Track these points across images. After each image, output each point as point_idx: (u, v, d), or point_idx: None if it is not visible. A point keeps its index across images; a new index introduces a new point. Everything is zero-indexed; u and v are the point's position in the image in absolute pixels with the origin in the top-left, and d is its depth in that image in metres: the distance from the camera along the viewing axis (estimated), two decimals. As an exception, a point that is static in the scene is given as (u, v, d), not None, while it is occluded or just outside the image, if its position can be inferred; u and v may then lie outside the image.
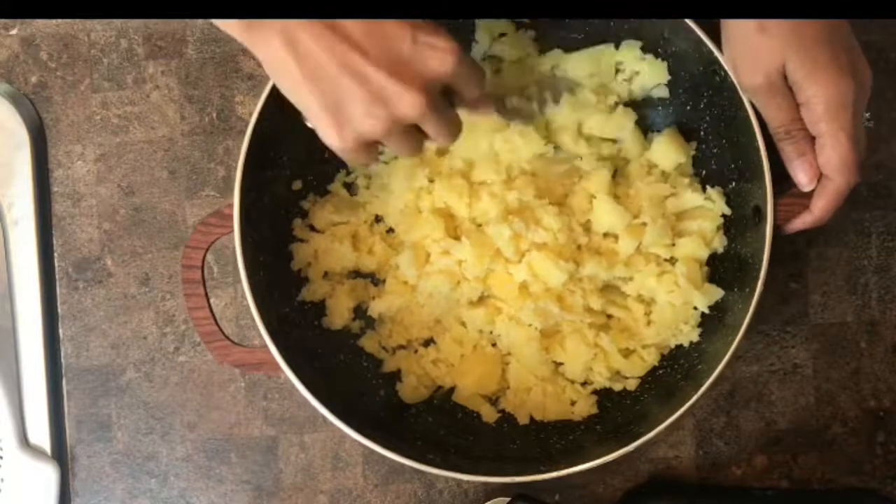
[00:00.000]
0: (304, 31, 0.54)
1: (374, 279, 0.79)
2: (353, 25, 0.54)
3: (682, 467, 0.80)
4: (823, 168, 0.65)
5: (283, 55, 0.54)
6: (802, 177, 0.66)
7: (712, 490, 0.80)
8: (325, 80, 0.55)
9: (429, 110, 0.56)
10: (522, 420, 0.76)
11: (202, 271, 0.70)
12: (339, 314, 0.77)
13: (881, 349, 0.80)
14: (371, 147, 0.59)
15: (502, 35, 0.77)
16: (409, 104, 0.55)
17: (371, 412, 0.74)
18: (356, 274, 0.78)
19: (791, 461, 0.80)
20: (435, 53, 0.56)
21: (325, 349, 0.75)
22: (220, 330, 0.70)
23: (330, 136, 0.57)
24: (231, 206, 0.68)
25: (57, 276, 0.82)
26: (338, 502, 0.81)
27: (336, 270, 0.77)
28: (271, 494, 0.81)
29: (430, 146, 0.73)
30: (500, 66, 0.77)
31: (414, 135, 0.59)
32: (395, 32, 0.55)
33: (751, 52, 0.64)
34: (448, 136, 0.60)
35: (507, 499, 0.75)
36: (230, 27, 0.55)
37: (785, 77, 0.63)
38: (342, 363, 0.76)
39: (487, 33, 0.76)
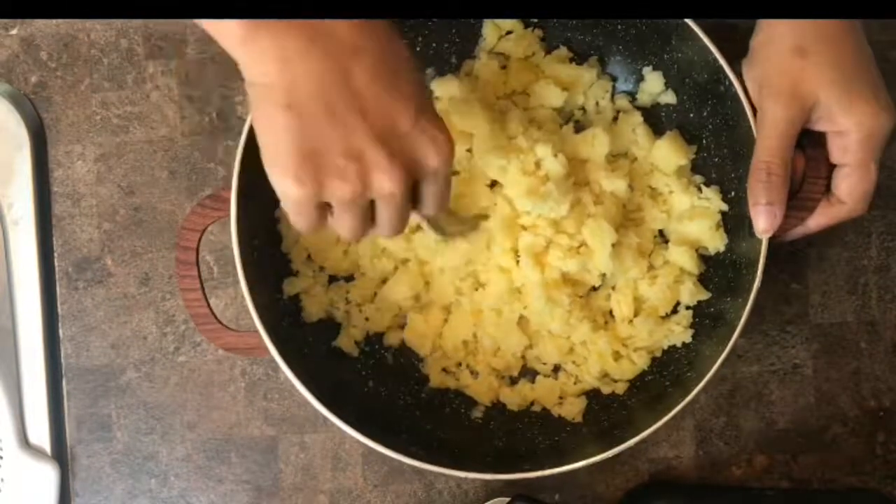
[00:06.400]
0: (311, 61, 0.49)
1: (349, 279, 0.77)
2: (364, 78, 0.50)
3: (683, 467, 0.80)
4: (843, 195, 0.65)
5: (275, 78, 0.49)
6: (762, 223, 0.65)
7: (712, 490, 0.80)
8: (311, 119, 0.50)
9: (399, 194, 0.52)
10: (512, 406, 0.76)
11: (196, 253, 0.69)
12: (316, 309, 0.75)
13: (881, 349, 0.80)
14: (321, 211, 0.54)
15: (509, 33, 0.77)
16: (387, 178, 0.51)
17: (357, 403, 0.74)
18: (333, 279, 0.77)
19: (791, 461, 0.80)
20: (432, 144, 0.52)
21: (315, 337, 0.75)
22: (212, 313, 0.69)
23: (286, 179, 0.51)
24: (229, 189, 0.68)
25: (57, 276, 0.82)
26: (338, 502, 0.81)
27: (317, 249, 0.75)
28: (271, 494, 0.81)
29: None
30: (506, 62, 0.77)
31: (365, 217, 0.55)
32: (401, 105, 0.51)
33: (785, 73, 0.63)
34: (394, 230, 0.57)
35: (507, 499, 0.75)
36: (226, 37, 0.49)
37: (810, 110, 0.63)
38: (331, 351, 0.76)
39: (494, 30, 0.76)
